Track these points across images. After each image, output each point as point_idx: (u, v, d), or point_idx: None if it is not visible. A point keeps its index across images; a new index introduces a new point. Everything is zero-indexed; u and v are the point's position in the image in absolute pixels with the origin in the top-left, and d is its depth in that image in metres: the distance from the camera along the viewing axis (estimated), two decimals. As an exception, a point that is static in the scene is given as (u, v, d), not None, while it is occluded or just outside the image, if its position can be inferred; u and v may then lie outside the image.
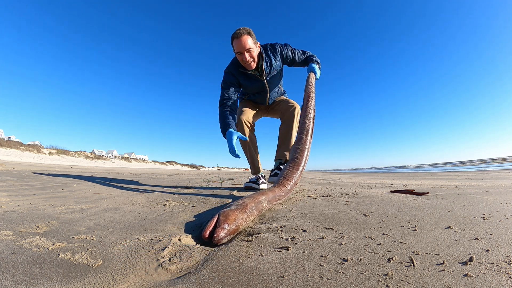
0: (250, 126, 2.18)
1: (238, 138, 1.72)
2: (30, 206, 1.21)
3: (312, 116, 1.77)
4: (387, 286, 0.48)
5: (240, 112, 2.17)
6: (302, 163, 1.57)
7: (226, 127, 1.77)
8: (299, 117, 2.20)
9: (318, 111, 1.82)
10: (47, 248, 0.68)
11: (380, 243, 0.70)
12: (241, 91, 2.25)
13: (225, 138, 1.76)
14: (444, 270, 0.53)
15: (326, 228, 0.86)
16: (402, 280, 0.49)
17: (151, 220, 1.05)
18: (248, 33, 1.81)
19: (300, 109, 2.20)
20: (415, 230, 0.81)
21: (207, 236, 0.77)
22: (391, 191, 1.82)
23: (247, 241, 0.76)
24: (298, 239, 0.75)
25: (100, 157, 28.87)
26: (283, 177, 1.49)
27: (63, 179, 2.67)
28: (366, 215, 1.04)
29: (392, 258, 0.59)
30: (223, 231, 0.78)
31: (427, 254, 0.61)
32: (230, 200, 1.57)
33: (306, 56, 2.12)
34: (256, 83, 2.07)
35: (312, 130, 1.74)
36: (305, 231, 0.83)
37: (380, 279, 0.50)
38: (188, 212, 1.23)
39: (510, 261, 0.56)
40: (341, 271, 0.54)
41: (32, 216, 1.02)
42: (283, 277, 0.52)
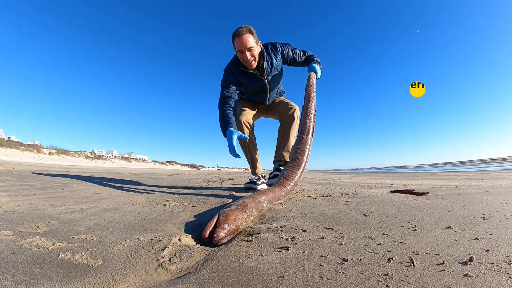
0: (249, 127, 2.17)
1: (238, 137, 1.68)
2: (30, 206, 1.21)
3: (313, 116, 1.76)
4: (387, 286, 0.48)
5: (239, 113, 2.15)
6: (303, 163, 1.57)
7: (226, 126, 1.74)
8: (298, 119, 2.19)
9: (318, 111, 1.82)
10: (47, 248, 0.68)
11: (380, 243, 0.70)
12: (240, 91, 2.24)
13: (225, 137, 1.72)
14: (444, 270, 0.53)
15: (326, 228, 0.86)
16: (402, 280, 0.49)
17: (151, 220, 1.05)
18: (250, 31, 1.79)
19: (299, 111, 2.19)
20: (415, 230, 0.81)
21: (207, 236, 0.77)
22: (391, 191, 1.82)
23: (247, 241, 0.76)
24: (298, 239, 0.75)
25: (100, 157, 28.87)
26: (283, 177, 1.49)
27: (63, 179, 2.67)
28: (366, 215, 1.04)
29: (392, 258, 0.59)
30: (223, 231, 0.78)
31: (427, 254, 0.61)
32: (230, 200, 1.57)
33: (306, 56, 2.11)
34: (256, 82, 2.05)
35: (313, 130, 1.73)
36: (305, 231, 0.83)
37: (380, 279, 0.50)
38: (188, 212, 1.23)
39: (510, 261, 0.56)
40: (341, 271, 0.54)
41: (32, 216, 1.02)
42: (283, 277, 0.52)
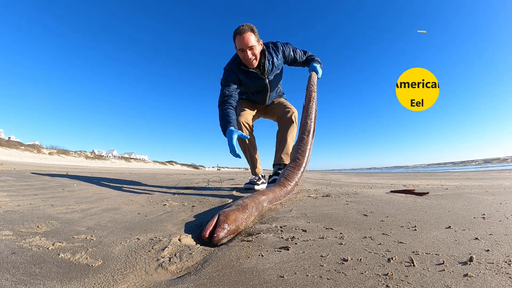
0: (248, 128, 2.15)
1: (238, 136, 1.64)
2: (30, 206, 1.21)
3: (313, 116, 1.75)
4: (387, 286, 0.48)
5: (238, 113, 2.12)
6: (304, 164, 1.56)
7: (226, 125, 1.69)
8: (297, 122, 2.18)
9: (318, 111, 1.81)
10: (47, 248, 0.68)
11: (380, 243, 0.70)
12: (239, 91, 2.23)
13: (225, 136, 1.68)
14: (444, 270, 0.53)
15: (326, 228, 0.86)
16: (402, 280, 0.49)
17: (151, 220, 1.05)
18: (252, 30, 1.76)
19: (297, 114, 2.19)
20: (415, 230, 0.81)
21: (207, 236, 0.77)
22: (391, 191, 1.82)
23: (247, 241, 0.76)
24: (298, 239, 0.75)
25: (100, 157, 28.87)
26: (284, 177, 1.48)
27: (63, 179, 2.67)
28: (366, 215, 1.04)
29: (392, 258, 0.59)
30: (223, 231, 0.78)
31: (427, 254, 0.61)
32: (230, 200, 1.57)
33: (307, 56, 2.10)
34: (257, 81, 2.03)
35: (314, 130, 1.72)
36: (305, 231, 0.83)
37: (380, 279, 0.50)
38: (188, 212, 1.23)
39: (510, 261, 0.56)
40: (341, 271, 0.54)
41: (32, 216, 1.02)
42: (283, 277, 0.52)
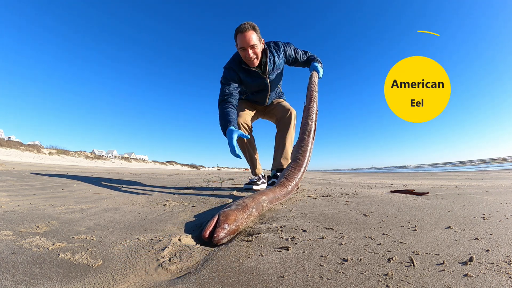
0: (247, 129, 2.14)
1: (239, 136, 1.61)
2: (30, 206, 1.21)
3: (314, 116, 1.74)
4: (387, 286, 0.48)
5: (237, 114, 2.13)
6: (304, 164, 1.56)
7: (226, 125, 1.66)
8: (295, 123, 2.18)
9: (319, 111, 1.80)
10: (47, 248, 0.68)
11: (380, 243, 0.70)
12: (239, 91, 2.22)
13: (225, 136, 1.65)
14: (444, 270, 0.53)
15: (326, 228, 0.86)
16: (402, 280, 0.49)
17: (151, 220, 1.05)
18: (253, 28, 1.74)
19: (296, 114, 2.19)
20: (415, 230, 0.81)
21: (207, 236, 0.77)
22: (391, 191, 1.82)
23: (247, 241, 0.76)
24: (298, 239, 0.75)
25: (100, 157, 28.87)
26: (284, 177, 1.48)
27: (63, 179, 2.67)
28: (366, 215, 1.04)
29: (392, 258, 0.59)
30: (223, 231, 0.78)
31: (427, 254, 0.61)
32: (230, 200, 1.57)
33: (308, 56, 2.10)
34: (257, 81, 2.01)
35: (315, 130, 1.71)
36: (305, 231, 0.83)
37: (380, 279, 0.50)
38: (188, 212, 1.23)
39: (510, 261, 0.56)
40: (341, 271, 0.54)
41: (32, 216, 1.02)
42: (283, 277, 0.52)
